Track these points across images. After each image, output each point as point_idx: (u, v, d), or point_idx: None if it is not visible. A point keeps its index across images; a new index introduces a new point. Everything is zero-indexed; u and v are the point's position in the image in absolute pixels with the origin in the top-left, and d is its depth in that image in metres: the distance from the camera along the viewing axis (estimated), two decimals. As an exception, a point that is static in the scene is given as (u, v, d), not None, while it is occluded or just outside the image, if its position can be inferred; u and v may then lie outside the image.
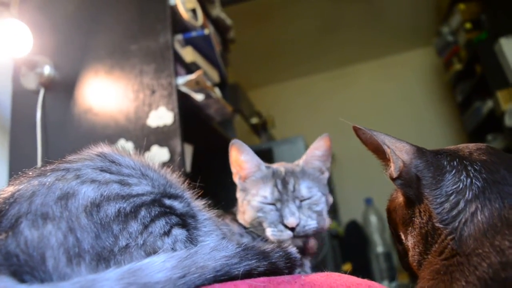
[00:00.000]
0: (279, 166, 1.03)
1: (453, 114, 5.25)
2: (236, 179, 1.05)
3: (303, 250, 0.99)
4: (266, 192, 0.95)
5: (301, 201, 0.95)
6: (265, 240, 0.94)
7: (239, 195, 1.03)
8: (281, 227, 0.90)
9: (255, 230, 0.95)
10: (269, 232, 0.91)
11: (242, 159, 1.02)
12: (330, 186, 5.10)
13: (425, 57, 5.57)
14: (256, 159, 1.02)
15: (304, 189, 0.96)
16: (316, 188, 0.99)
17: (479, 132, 4.34)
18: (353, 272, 0.70)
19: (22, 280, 0.50)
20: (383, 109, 5.48)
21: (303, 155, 1.07)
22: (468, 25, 4.27)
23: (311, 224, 0.92)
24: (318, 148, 1.06)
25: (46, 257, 0.52)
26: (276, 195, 0.94)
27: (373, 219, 4.44)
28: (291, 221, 0.89)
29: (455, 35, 4.69)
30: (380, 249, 4.29)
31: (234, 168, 1.04)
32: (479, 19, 4.18)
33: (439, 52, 5.14)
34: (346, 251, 4.32)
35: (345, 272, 0.69)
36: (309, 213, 0.94)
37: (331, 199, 1.06)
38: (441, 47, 5.02)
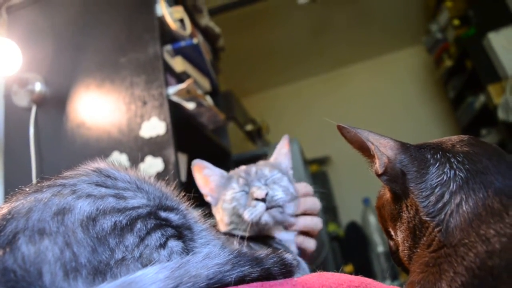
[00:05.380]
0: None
1: (446, 110, 5.29)
2: (208, 198, 1.09)
3: (300, 253, 1.03)
4: (233, 185, 1.02)
5: (265, 180, 1.02)
6: (265, 245, 0.96)
7: (215, 209, 1.07)
8: (254, 202, 0.95)
9: (236, 226, 0.99)
10: (247, 214, 0.95)
11: (205, 173, 1.08)
12: (329, 188, 5.14)
13: (416, 55, 5.61)
14: (217, 170, 1.09)
15: (266, 171, 1.03)
16: (277, 170, 1.05)
17: (473, 127, 4.36)
18: (355, 273, 0.69)
19: None
20: (377, 109, 5.51)
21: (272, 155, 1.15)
22: (456, 22, 4.31)
23: (279, 195, 0.97)
24: (283, 147, 1.14)
25: (43, 272, 0.52)
26: (242, 182, 1.01)
27: (372, 219, 4.45)
28: (259, 192, 0.95)
29: (444, 32, 4.73)
30: (380, 248, 4.29)
31: (203, 189, 1.09)
32: (466, 15, 4.22)
33: (429, 50, 5.18)
34: (346, 253, 4.32)
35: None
36: (275, 187, 1.00)
37: (306, 188, 1.11)
38: (431, 45, 5.06)
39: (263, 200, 0.95)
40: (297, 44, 5.11)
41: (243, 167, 1.08)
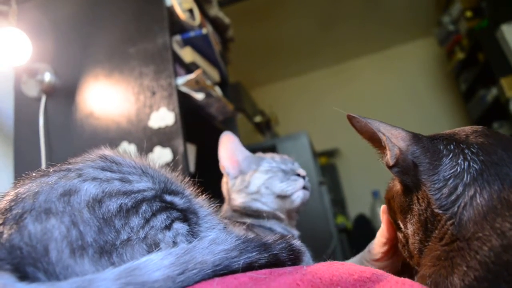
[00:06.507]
0: None
1: (457, 104, 5.22)
2: (227, 170, 1.13)
3: None
4: (269, 159, 1.11)
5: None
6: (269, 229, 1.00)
7: (234, 180, 1.12)
8: (294, 177, 1.06)
9: (259, 197, 1.05)
10: (283, 186, 1.04)
11: (232, 147, 1.15)
12: (337, 180, 5.12)
13: (427, 48, 5.54)
14: (244, 148, 1.16)
15: (294, 160, 1.17)
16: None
17: (485, 120, 4.30)
18: (364, 266, 0.69)
19: (24, 272, 0.51)
20: (387, 102, 5.46)
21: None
22: (468, 13, 4.24)
23: (309, 184, 1.10)
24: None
25: (50, 249, 0.53)
26: (279, 159, 1.12)
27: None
28: (302, 170, 1.08)
29: (456, 24, 4.65)
30: (389, 242, 4.26)
31: (224, 160, 1.14)
32: (479, 7, 4.15)
33: (441, 42, 5.10)
34: (355, 245, 4.29)
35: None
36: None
37: None
38: (443, 37, 4.98)
39: (303, 178, 1.07)
40: (306, 36, 5.07)
41: (270, 154, 1.17)
